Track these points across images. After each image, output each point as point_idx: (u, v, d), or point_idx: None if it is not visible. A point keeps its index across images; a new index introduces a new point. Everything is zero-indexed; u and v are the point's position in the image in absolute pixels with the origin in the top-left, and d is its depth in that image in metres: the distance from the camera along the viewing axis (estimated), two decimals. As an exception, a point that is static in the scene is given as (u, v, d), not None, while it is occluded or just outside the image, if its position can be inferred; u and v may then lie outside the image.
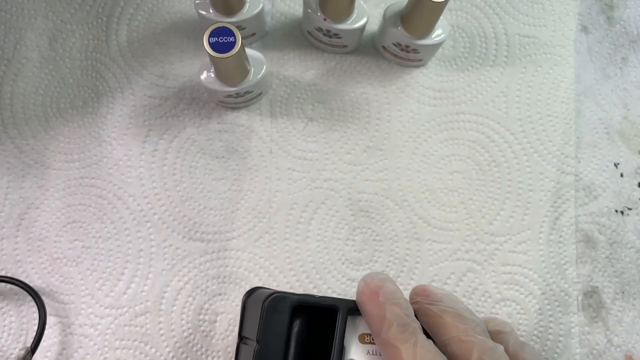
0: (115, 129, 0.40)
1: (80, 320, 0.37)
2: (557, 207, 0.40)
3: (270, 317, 0.26)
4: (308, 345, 0.27)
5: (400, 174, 0.40)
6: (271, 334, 0.26)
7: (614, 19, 0.43)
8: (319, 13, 0.37)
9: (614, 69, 0.43)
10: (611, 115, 0.42)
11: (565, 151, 0.41)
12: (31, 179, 0.39)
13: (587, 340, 0.39)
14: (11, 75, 0.40)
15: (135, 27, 0.41)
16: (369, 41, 0.41)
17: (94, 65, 0.40)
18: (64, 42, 0.41)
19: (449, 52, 0.42)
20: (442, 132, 0.41)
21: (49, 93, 0.40)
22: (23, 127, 0.40)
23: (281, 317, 0.26)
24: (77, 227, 0.38)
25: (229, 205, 0.39)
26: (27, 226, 0.38)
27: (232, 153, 0.40)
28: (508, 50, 0.42)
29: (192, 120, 0.40)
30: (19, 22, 0.41)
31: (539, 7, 0.43)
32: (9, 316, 0.37)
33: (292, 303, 0.26)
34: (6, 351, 0.37)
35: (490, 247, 0.39)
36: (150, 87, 0.40)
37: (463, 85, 0.41)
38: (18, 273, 0.38)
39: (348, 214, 0.39)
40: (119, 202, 0.39)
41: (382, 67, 0.41)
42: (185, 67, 0.40)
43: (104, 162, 0.39)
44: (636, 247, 0.40)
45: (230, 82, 0.36)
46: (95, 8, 0.41)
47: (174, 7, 0.41)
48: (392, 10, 0.38)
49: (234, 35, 0.32)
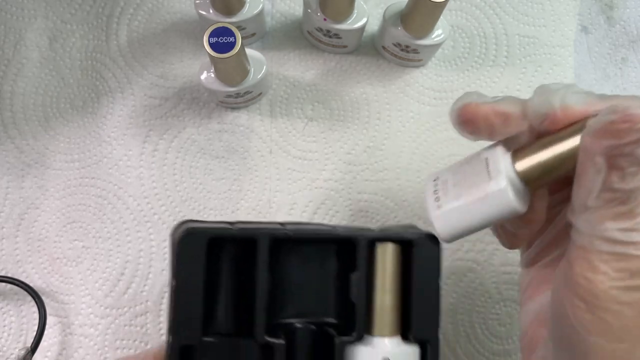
0: (115, 129, 0.40)
1: (80, 320, 0.37)
2: (557, 207, 0.40)
3: (184, 253, 0.25)
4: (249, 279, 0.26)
5: (400, 174, 0.40)
6: (188, 270, 0.25)
7: (614, 19, 0.43)
8: (319, 13, 0.37)
9: (614, 69, 0.43)
10: (611, 116, 0.42)
11: (565, 151, 0.41)
12: (31, 179, 0.39)
13: (587, 340, 0.39)
14: (11, 75, 0.40)
15: (135, 27, 0.41)
16: (369, 41, 0.41)
17: (94, 65, 0.40)
18: (64, 42, 0.41)
19: (449, 52, 0.42)
20: (442, 132, 0.41)
21: (49, 93, 0.40)
22: (23, 127, 0.40)
23: (197, 253, 0.25)
24: (77, 227, 0.38)
25: (229, 205, 0.39)
26: (27, 226, 0.38)
27: (232, 153, 0.40)
28: (508, 50, 0.42)
29: (192, 120, 0.40)
30: (19, 22, 0.41)
31: (538, 7, 0.43)
32: (9, 316, 0.37)
33: (207, 237, 0.25)
34: (6, 351, 0.37)
35: (490, 247, 0.39)
36: (150, 87, 0.40)
37: (463, 85, 0.41)
38: (18, 273, 0.38)
39: (348, 214, 0.39)
40: (119, 202, 0.39)
41: (382, 67, 0.41)
42: (185, 67, 0.40)
43: (104, 162, 0.39)
44: (636, 247, 0.40)
45: (230, 82, 0.36)
46: (95, 8, 0.41)
47: (174, 7, 0.41)
48: (392, 10, 0.38)
49: (234, 35, 0.32)
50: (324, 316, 0.27)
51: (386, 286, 0.26)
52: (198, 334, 0.25)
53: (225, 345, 0.26)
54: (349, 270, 0.27)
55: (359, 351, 0.26)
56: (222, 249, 0.26)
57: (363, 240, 0.26)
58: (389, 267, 0.26)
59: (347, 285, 0.27)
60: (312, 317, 0.27)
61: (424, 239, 0.26)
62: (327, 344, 0.26)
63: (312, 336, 0.27)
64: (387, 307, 0.26)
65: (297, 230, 0.26)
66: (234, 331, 0.26)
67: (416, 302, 0.26)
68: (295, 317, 0.27)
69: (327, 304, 0.28)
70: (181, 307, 0.25)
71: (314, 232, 0.27)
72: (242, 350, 0.26)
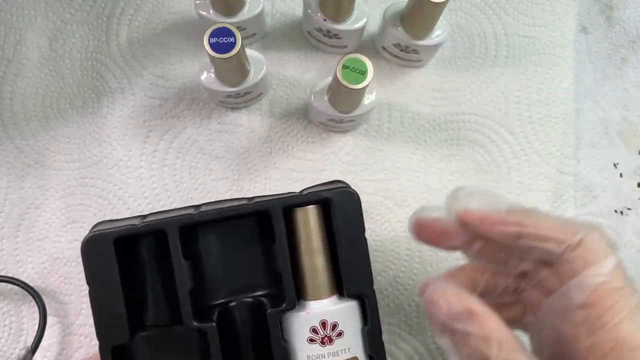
0: (115, 130, 0.40)
1: (80, 320, 0.37)
2: (557, 207, 0.40)
3: (91, 258, 0.25)
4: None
5: (400, 174, 0.40)
6: (100, 275, 0.25)
7: (614, 20, 0.43)
8: (319, 13, 0.37)
9: (614, 69, 0.43)
10: (610, 116, 0.42)
11: (564, 151, 0.41)
12: (31, 179, 0.39)
13: (586, 340, 0.39)
14: (11, 75, 0.40)
15: (135, 27, 0.41)
16: (369, 41, 0.41)
17: (94, 65, 0.40)
18: (64, 42, 0.41)
19: (449, 53, 0.42)
20: (442, 132, 0.41)
21: (49, 93, 0.40)
22: (23, 127, 0.40)
23: (105, 255, 0.25)
24: (77, 227, 0.38)
25: (229, 205, 0.39)
26: (27, 226, 0.38)
27: (232, 153, 0.40)
28: (508, 51, 0.42)
29: (192, 120, 0.40)
30: (19, 22, 0.41)
31: (538, 8, 0.43)
32: (9, 316, 0.37)
33: (111, 239, 0.25)
34: (6, 351, 0.37)
35: (490, 247, 0.39)
36: (151, 87, 0.40)
37: (463, 85, 0.41)
38: (18, 273, 0.38)
39: (348, 214, 0.39)
40: (119, 202, 0.39)
41: (382, 67, 0.41)
42: (185, 67, 0.40)
43: (104, 162, 0.39)
44: (636, 247, 0.40)
45: (230, 83, 0.36)
46: (95, 9, 0.41)
47: (174, 7, 0.41)
48: (392, 10, 0.38)
49: (234, 35, 0.32)
50: (256, 290, 0.27)
51: (312, 250, 0.26)
52: (126, 333, 0.25)
53: (162, 336, 0.26)
54: (271, 241, 0.26)
55: (296, 318, 0.26)
56: (137, 244, 0.26)
57: (276, 210, 0.26)
58: (311, 230, 0.26)
59: (272, 255, 0.27)
60: (245, 294, 0.27)
61: (341, 195, 0.26)
62: (263, 317, 0.26)
63: (247, 312, 0.27)
64: (317, 270, 0.26)
65: (206, 213, 0.26)
66: (169, 321, 0.26)
67: (345, 259, 0.26)
68: (228, 296, 0.27)
69: (256, 278, 0.27)
70: (102, 310, 0.25)
71: (224, 210, 0.26)
72: (180, 339, 0.26)
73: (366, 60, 0.33)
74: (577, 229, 0.24)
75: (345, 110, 0.36)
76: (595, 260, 0.23)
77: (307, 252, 0.26)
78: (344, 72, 0.32)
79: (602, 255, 0.23)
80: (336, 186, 0.27)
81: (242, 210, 0.26)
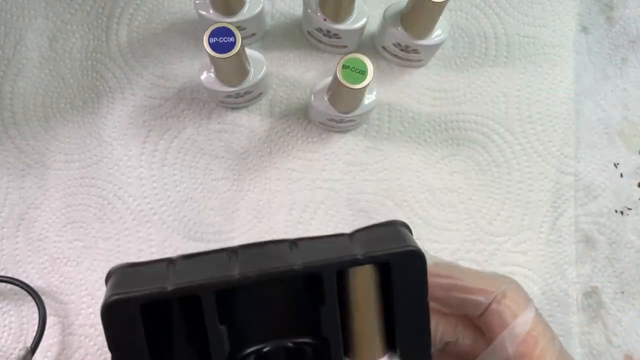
0: (115, 130, 0.40)
1: (80, 320, 0.37)
2: (557, 207, 0.40)
3: (114, 324, 0.22)
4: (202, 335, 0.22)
5: (400, 174, 0.40)
6: (124, 341, 0.22)
7: (614, 19, 0.43)
8: (319, 13, 0.37)
9: (614, 69, 0.43)
10: (611, 116, 0.42)
11: (564, 151, 0.41)
12: (31, 179, 0.39)
13: (587, 340, 0.39)
14: (11, 75, 0.40)
15: (135, 27, 0.41)
16: (369, 41, 0.41)
17: (94, 65, 0.40)
18: (64, 42, 0.41)
19: (449, 52, 0.42)
20: (442, 132, 0.41)
21: (49, 93, 0.40)
22: (23, 127, 0.40)
23: (130, 321, 0.22)
24: (77, 227, 0.38)
25: (229, 205, 0.39)
26: (27, 226, 0.38)
27: (232, 153, 0.40)
28: (508, 51, 0.42)
29: (192, 120, 0.40)
30: (19, 22, 0.41)
31: (538, 8, 0.43)
32: (9, 316, 0.37)
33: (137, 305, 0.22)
34: (6, 351, 0.37)
35: (490, 247, 0.39)
36: (151, 87, 0.40)
37: (463, 85, 0.41)
38: (18, 273, 0.38)
39: (348, 214, 0.39)
40: (119, 202, 0.39)
41: (382, 67, 0.41)
42: (185, 67, 0.40)
43: (104, 162, 0.39)
44: (636, 247, 0.40)
45: (230, 82, 0.36)
46: (95, 8, 0.41)
47: (174, 7, 0.41)
48: (392, 10, 0.38)
49: (233, 35, 0.32)
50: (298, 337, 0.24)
51: (366, 313, 0.23)
52: None
53: None
54: (320, 301, 0.23)
55: None
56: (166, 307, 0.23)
57: (329, 274, 0.22)
58: (368, 294, 0.23)
59: (319, 314, 0.23)
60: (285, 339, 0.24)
61: (405, 258, 0.23)
62: None
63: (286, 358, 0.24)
64: (368, 333, 0.24)
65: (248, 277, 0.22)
66: None
67: (403, 324, 0.23)
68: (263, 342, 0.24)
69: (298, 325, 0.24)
70: None
71: (271, 274, 0.23)
72: None
73: (366, 60, 0.32)
74: (498, 281, 0.24)
75: (345, 110, 0.36)
76: (519, 310, 0.24)
77: (360, 315, 0.23)
78: (344, 72, 0.32)
79: (523, 305, 0.24)
80: (398, 244, 0.24)
81: (291, 273, 0.23)
